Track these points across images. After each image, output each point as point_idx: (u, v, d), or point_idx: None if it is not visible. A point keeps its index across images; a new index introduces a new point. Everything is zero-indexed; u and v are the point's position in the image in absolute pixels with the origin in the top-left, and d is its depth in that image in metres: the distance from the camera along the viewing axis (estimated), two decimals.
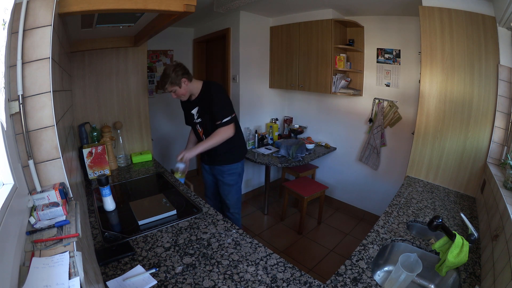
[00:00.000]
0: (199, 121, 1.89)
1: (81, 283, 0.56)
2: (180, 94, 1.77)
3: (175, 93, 1.76)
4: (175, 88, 1.73)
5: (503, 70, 1.54)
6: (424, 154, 1.89)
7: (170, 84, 1.71)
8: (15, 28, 0.76)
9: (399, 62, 2.59)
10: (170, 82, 1.71)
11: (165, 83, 1.71)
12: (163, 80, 1.71)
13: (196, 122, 1.91)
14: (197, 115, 1.87)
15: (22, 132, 0.78)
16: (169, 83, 1.70)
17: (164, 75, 1.71)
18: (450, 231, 1.04)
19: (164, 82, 1.71)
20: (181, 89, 1.75)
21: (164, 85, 1.71)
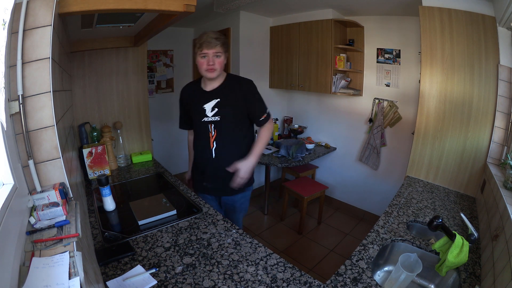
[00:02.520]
0: (214, 120, 1.47)
1: (81, 283, 0.56)
2: (220, 64, 1.41)
3: (217, 60, 1.39)
4: (222, 53, 1.40)
5: (503, 70, 1.54)
6: (424, 154, 1.89)
7: (223, 45, 1.39)
8: (15, 28, 0.76)
9: (399, 62, 2.59)
10: (224, 44, 1.40)
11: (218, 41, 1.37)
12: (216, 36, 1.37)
13: (208, 121, 1.49)
14: (213, 110, 1.47)
15: (22, 132, 0.78)
16: (223, 43, 1.39)
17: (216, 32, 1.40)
18: (450, 231, 1.04)
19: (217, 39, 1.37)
20: (224, 59, 1.43)
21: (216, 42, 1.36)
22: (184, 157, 4.10)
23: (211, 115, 1.49)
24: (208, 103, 1.49)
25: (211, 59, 1.38)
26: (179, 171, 4.07)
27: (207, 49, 1.37)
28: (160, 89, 3.61)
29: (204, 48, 1.37)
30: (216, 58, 1.39)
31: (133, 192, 1.72)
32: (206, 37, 1.36)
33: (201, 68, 1.42)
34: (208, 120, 1.50)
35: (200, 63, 1.41)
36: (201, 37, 1.39)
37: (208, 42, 1.35)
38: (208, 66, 1.39)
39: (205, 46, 1.37)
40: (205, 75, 1.45)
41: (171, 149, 3.89)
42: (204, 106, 1.50)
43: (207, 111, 1.50)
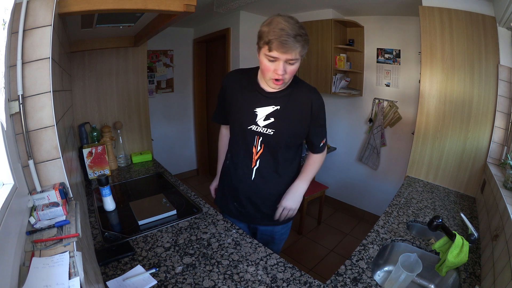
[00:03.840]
0: (265, 132, 1.14)
1: (81, 283, 0.56)
2: (292, 73, 1.05)
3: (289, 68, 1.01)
4: (298, 59, 1.01)
5: (503, 70, 1.54)
6: (424, 154, 1.89)
7: (303, 47, 0.98)
8: (15, 28, 0.76)
9: (399, 62, 2.59)
10: (305, 44, 0.98)
11: (298, 42, 0.95)
12: (296, 33, 0.93)
13: (257, 132, 1.15)
14: (268, 120, 1.13)
15: (22, 132, 0.78)
16: (303, 44, 0.97)
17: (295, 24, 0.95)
18: (450, 231, 1.04)
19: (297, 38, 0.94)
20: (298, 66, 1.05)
21: (295, 44, 0.94)
22: (184, 157, 4.14)
23: (263, 124, 1.14)
24: (263, 107, 1.13)
25: (281, 67, 0.99)
26: (179, 171, 4.09)
27: (278, 53, 0.95)
28: (160, 89, 3.61)
29: (274, 49, 0.95)
30: (289, 66, 1.00)
31: (133, 192, 1.72)
32: (281, 32, 0.92)
33: (265, 73, 1.05)
34: (256, 130, 1.15)
35: (265, 66, 1.02)
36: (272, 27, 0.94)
37: (283, 42, 0.92)
38: (276, 75, 1.02)
39: (276, 47, 0.94)
40: (268, 84, 1.10)
41: (171, 149, 3.89)
42: (256, 109, 1.14)
43: (259, 117, 1.14)
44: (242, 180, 1.25)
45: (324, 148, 1.29)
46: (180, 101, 3.84)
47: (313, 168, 1.28)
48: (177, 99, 3.79)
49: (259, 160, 1.20)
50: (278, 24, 0.94)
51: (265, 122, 1.14)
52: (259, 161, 1.20)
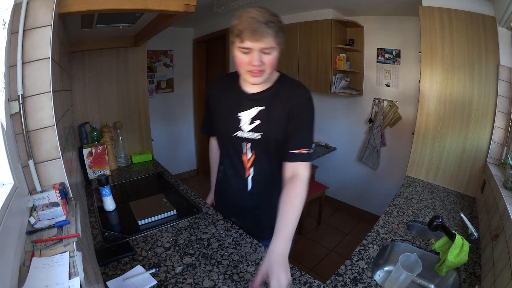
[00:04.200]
0: (252, 137, 1.05)
1: (81, 283, 0.56)
2: (271, 64, 0.93)
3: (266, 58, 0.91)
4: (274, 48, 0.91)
5: (503, 70, 1.54)
6: (424, 154, 1.89)
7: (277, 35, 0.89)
8: (15, 28, 0.76)
9: (399, 62, 2.59)
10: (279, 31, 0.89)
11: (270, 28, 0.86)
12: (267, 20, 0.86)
13: (243, 138, 1.07)
14: (253, 123, 1.04)
15: (22, 132, 0.78)
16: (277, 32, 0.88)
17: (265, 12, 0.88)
18: (450, 231, 1.04)
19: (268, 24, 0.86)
20: (277, 55, 0.95)
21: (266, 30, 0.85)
22: (184, 157, 4.14)
23: (248, 129, 1.05)
24: (247, 111, 1.04)
25: (256, 57, 0.89)
26: (179, 171, 4.09)
27: (250, 42, 0.87)
28: (160, 89, 3.61)
29: (246, 39, 0.87)
30: (265, 56, 0.91)
31: (133, 192, 1.72)
32: (251, 21, 0.85)
33: (240, 67, 0.95)
34: (242, 136, 1.06)
35: (240, 60, 0.93)
36: (241, 18, 0.88)
37: (254, 29, 0.85)
38: (252, 67, 0.91)
39: (247, 36, 0.86)
40: (246, 79, 0.98)
41: (171, 149, 3.90)
42: (239, 114, 1.05)
43: (243, 122, 1.05)
44: (238, 194, 1.17)
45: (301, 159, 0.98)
46: (180, 101, 3.84)
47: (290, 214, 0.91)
48: (177, 99, 3.80)
49: (252, 168, 1.10)
50: (248, 13, 0.88)
51: (251, 126, 1.05)
52: (252, 169, 1.10)
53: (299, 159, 0.99)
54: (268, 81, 1.03)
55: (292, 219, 0.90)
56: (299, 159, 0.99)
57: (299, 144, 0.99)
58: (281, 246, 0.85)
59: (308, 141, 1.01)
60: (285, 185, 0.99)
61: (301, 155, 0.99)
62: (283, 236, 0.87)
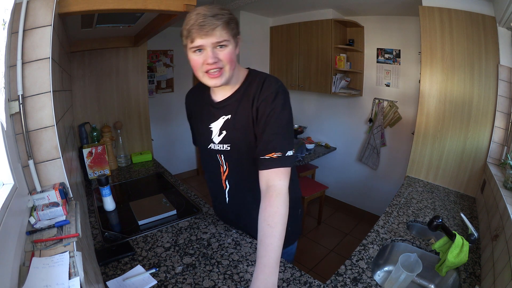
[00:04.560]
0: (222, 149, 0.98)
1: (81, 283, 0.56)
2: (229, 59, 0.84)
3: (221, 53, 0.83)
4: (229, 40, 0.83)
5: (503, 70, 1.54)
6: (424, 154, 1.89)
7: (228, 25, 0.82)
8: (15, 28, 0.76)
9: (399, 62, 2.59)
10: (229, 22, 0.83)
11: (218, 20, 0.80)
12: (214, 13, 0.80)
13: (216, 150, 1.00)
14: (221, 134, 0.97)
15: (22, 132, 0.78)
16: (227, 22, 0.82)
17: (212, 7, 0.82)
18: (450, 231, 1.04)
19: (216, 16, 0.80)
20: (235, 49, 0.87)
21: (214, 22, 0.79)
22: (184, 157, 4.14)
23: (217, 140, 0.98)
24: (216, 121, 0.97)
25: (210, 53, 0.81)
26: (179, 171, 4.09)
27: (200, 38, 0.80)
28: (160, 89, 3.61)
29: (195, 37, 0.80)
30: (220, 51, 0.83)
31: (133, 192, 1.72)
32: (197, 17, 0.79)
33: (196, 70, 0.86)
34: (215, 149, 0.99)
35: (194, 62, 0.85)
36: (188, 18, 0.82)
37: (201, 24, 0.78)
38: (208, 66, 0.83)
39: (196, 33, 0.79)
40: (206, 82, 0.89)
41: (171, 149, 3.90)
42: (211, 125, 0.99)
43: (214, 134, 0.98)
44: (221, 205, 1.14)
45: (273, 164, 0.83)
46: (180, 101, 3.82)
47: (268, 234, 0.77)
48: (177, 99, 3.80)
49: (227, 181, 1.03)
50: (194, 11, 0.82)
51: (220, 137, 0.97)
52: (227, 182, 1.03)
53: (270, 165, 0.83)
54: (235, 83, 0.94)
55: (272, 243, 0.75)
56: (270, 166, 0.83)
57: (268, 147, 0.84)
58: (263, 277, 0.72)
59: (279, 142, 0.85)
60: (262, 199, 0.83)
61: (272, 160, 0.83)
62: (264, 264, 0.73)
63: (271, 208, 0.79)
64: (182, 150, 4.07)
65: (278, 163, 0.83)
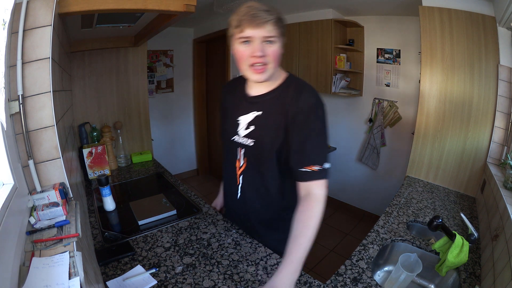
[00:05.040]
0: (245, 143, 0.98)
1: (81, 283, 0.56)
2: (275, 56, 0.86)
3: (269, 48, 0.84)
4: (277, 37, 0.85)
5: (503, 70, 1.54)
6: (424, 154, 1.89)
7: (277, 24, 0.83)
8: (15, 28, 0.76)
9: (399, 62, 2.59)
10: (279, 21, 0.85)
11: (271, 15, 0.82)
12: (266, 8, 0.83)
13: (238, 143, 1.00)
14: (249, 128, 0.97)
15: (22, 132, 0.78)
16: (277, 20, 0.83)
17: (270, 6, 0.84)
18: (450, 231, 1.04)
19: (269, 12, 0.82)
20: (280, 48, 0.88)
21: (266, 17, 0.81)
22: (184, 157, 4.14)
23: (243, 134, 0.98)
24: (245, 114, 0.97)
25: (258, 46, 0.82)
26: (179, 171, 4.09)
27: (251, 29, 0.81)
28: (160, 89, 3.61)
29: (245, 27, 0.81)
30: (267, 46, 0.83)
31: (133, 192, 1.72)
32: (249, 9, 0.81)
33: (241, 62, 0.87)
34: (238, 141, 0.99)
35: (240, 53, 0.85)
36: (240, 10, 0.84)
37: (254, 15, 0.80)
38: (254, 59, 0.84)
39: (247, 23, 0.81)
40: (248, 76, 0.90)
41: (171, 149, 3.89)
42: (239, 118, 0.99)
43: (241, 127, 0.98)
44: (230, 198, 1.14)
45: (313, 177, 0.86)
46: (180, 101, 3.84)
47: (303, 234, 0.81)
48: (177, 99, 3.80)
49: (242, 176, 1.03)
50: (246, 5, 0.84)
51: (246, 131, 0.97)
52: (241, 178, 1.03)
53: (310, 178, 0.86)
54: (273, 82, 0.95)
55: (304, 242, 0.80)
56: (309, 178, 0.86)
57: (308, 160, 0.86)
58: (288, 272, 0.75)
59: (319, 155, 0.87)
60: (299, 203, 0.87)
61: (312, 173, 0.85)
62: (292, 260, 0.77)
63: (309, 212, 0.84)
64: (182, 150, 4.07)
65: (317, 176, 0.86)
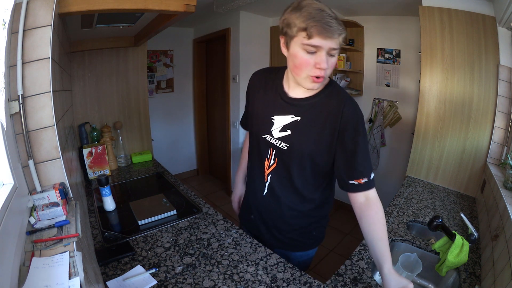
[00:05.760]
0: (278, 145, 0.97)
1: (81, 283, 0.56)
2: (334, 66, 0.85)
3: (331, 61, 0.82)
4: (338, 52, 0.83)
5: (503, 70, 1.54)
6: (424, 154, 1.89)
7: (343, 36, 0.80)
8: (15, 28, 0.76)
9: (399, 62, 2.59)
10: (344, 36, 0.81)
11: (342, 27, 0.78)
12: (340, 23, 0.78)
13: (270, 144, 1.00)
14: (284, 132, 0.96)
15: (22, 132, 0.78)
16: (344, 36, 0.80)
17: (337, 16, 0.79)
18: (450, 231, 1.04)
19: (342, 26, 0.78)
20: None
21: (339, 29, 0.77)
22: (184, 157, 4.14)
23: (277, 136, 0.97)
24: (282, 115, 0.95)
25: (324, 58, 0.79)
26: (179, 171, 4.08)
27: (321, 39, 0.76)
28: (160, 89, 3.61)
29: (315, 35, 0.76)
30: (330, 58, 0.81)
31: (133, 192, 1.72)
32: (322, 13, 0.75)
33: (301, 69, 0.83)
34: (270, 141, 0.99)
35: (303, 62, 0.82)
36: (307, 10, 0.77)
37: (328, 24, 0.75)
38: (318, 71, 0.81)
39: (318, 32, 0.75)
40: (303, 84, 0.88)
41: (171, 149, 3.89)
42: (274, 116, 0.97)
43: (275, 127, 0.97)
44: (254, 194, 1.13)
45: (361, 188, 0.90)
46: (180, 101, 3.84)
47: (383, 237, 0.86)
48: (177, 99, 3.79)
49: (270, 175, 1.03)
50: (313, 5, 0.76)
51: (281, 133, 0.96)
52: (270, 176, 1.03)
53: (360, 189, 0.90)
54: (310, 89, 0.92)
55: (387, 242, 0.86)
56: (359, 190, 0.90)
57: (357, 174, 0.90)
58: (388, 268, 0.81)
59: (366, 168, 0.91)
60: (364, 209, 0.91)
61: (361, 185, 0.90)
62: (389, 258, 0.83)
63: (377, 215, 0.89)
64: (182, 150, 4.07)
65: (365, 187, 0.91)
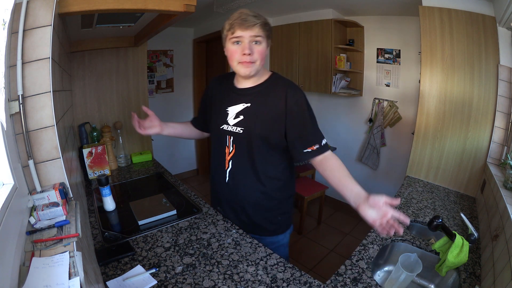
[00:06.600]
0: (235, 131, 1.12)
1: (81, 283, 0.56)
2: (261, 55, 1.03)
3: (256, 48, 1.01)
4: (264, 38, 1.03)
5: (503, 70, 1.54)
6: (424, 154, 1.89)
7: (264, 27, 1.02)
8: (15, 28, 0.76)
9: (399, 62, 2.59)
10: (266, 25, 1.03)
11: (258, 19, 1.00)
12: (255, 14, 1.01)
13: (227, 131, 1.14)
14: (238, 118, 1.11)
15: (22, 132, 0.78)
16: (264, 24, 1.01)
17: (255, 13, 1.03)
18: (450, 231, 1.04)
19: (257, 17, 1.00)
20: (266, 48, 1.06)
21: (254, 20, 0.99)
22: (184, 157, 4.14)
23: (233, 123, 1.12)
24: (234, 105, 1.12)
25: (247, 45, 1.00)
26: (179, 171, 4.09)
27: (241, 31, 0.99)
28: (160, 89, 3.61)
29: (236, 29, 0.99)
30: (255, 45, 1.01)
31: (133, 192, 1.72)
32: (240, 14, 1.00)
33: (232, 59, 1.04)
34: (227, 130, 1.13)
35: (232, 52, 1.03)
36: (232, 16, 1.02)
37: (244, 19, 0.98)
38: (243, 56, 1.01)
39: (237, 25, 0.99)
40: (238, 71, 1.07)
41: (171, 149, 3.89)
42: (228, 108, 1.14)
43: (230, 116, 1.13)
44: (219, 184, 1.24)
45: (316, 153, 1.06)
46: (180, 101, 3.84)
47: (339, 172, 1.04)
48: (177, 99, 3.80)
49: (231, 161, 1.16)
50: (237, 11, 1.03)
51: (235, 120, 1.12)
52: (231, 162, 1.16)
53: (314, 155, 1.06)
54: (259, 78, 1.12)
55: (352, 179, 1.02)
56: (313, 155, 1.06)
57: (308, 142, 1.06)
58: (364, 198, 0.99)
59: (319, 136, 1.08)
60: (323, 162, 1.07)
61: (314, 151, 1.06)
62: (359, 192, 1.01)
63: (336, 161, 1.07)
64: (182, 150, 4.08)
65: (319, 151, 1.07)
